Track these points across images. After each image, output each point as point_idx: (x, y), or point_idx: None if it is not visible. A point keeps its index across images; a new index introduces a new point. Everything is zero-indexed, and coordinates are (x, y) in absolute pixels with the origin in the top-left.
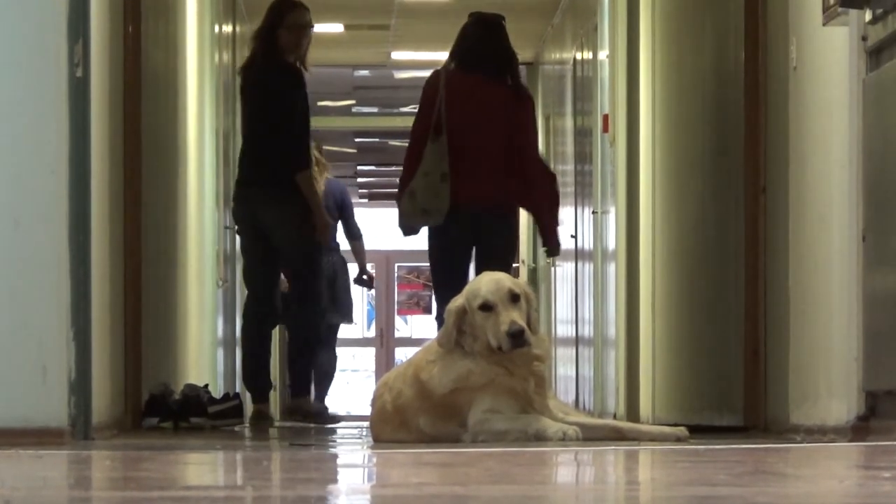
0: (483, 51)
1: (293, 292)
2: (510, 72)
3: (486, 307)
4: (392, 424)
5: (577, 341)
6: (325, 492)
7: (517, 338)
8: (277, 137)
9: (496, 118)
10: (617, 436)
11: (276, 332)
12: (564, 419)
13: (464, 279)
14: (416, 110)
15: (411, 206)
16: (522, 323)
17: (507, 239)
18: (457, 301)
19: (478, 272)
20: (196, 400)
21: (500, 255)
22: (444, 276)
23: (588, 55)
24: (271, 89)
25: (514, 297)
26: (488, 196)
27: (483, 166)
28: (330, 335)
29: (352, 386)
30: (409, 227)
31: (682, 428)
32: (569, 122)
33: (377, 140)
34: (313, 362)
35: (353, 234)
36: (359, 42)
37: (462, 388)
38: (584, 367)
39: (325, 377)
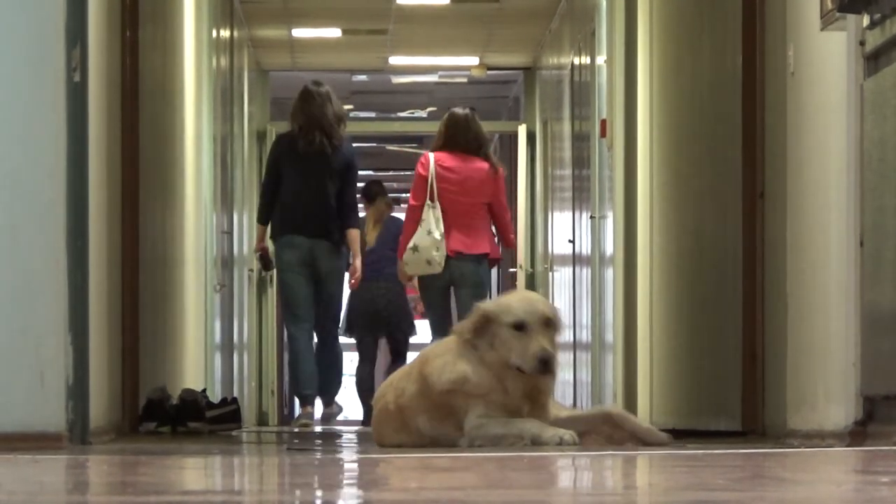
0: (462, 135)
1: (324, 324)
2: (483, 150)
3: (520, 326)
4: (393, 425)
5: (575, 346)
6: (323, 496)
7: (546, 364)
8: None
9: (476, 188)
10: (608, 420)
11: (272, 346)
12: (557, 416)
13: (449, 312)
14: (413, 115)
15: (416, 258)
16: (553, 351)
17: (482, 278)
18: (488, 306)
19: (457, 304)
20: (194, 404)
21: (481, 294)
22: (435, 313)
23: (586, 60)
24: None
25: (547, 322)
26: (469, 246)
27: (466, 224)
28: (399, 349)
29: (350, 390)
30: (406, 276)
31: (667, 435)
32: (566, 127)
33: (374, 145)
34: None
35: None
36: (357, 47)
37: (458, 391)
38: (581, 372)
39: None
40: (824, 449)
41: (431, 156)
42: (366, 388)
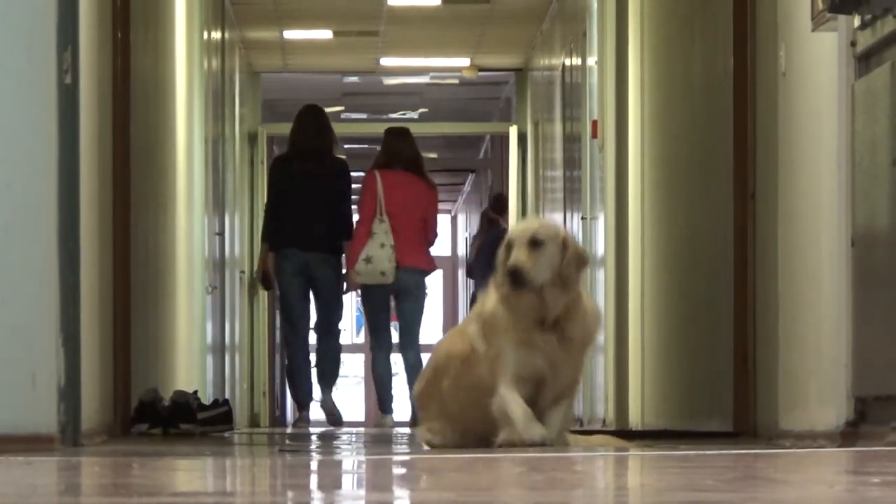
0: (404, 153)
1: (324, 326)
2: (418, 167)
3: (509, 246)
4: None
5: None
6: (315, 498)
7: (513, 275)
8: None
9: (415, 202)
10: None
11: (264, 354)
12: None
13: (390, 316)
14: (404, 116)
15: (370, 269)
16: (527, 265)
17: (423, 291)
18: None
19: (400, 312)
20: (185, 406)
21: (423, 306)
22: (377, 317)
23: (577, 61)
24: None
25: (535, 242)
26: (414, 259)
27: (410, 238)
28: None
29: (341, 391)
30: (355, 285)
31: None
32: (558, 128)
33: (366, 146)
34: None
35: None
36: (348, 48)
37: (489, 324)
38: None
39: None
40: (816, 450)
41: (377, 173)
42: None
